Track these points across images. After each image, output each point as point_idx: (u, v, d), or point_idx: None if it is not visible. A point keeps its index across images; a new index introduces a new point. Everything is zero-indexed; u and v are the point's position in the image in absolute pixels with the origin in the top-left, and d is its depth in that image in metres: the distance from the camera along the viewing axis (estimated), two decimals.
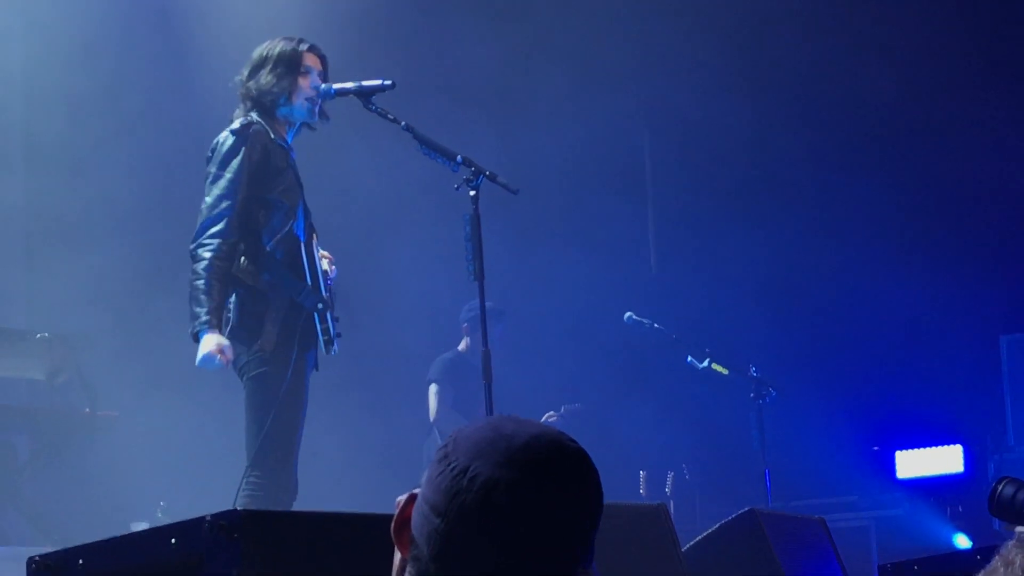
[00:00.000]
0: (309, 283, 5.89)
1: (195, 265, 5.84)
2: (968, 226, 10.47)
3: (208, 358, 5.76)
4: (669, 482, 9.74)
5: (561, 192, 10.75)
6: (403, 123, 6.23)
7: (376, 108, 6.22)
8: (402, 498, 1.87)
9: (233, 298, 5.91)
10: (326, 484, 9.25)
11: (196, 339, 5.81)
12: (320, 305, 5.88)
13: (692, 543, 5.65)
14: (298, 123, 6.19)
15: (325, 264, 6.07)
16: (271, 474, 5.81)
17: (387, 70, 6.36)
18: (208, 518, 2.83)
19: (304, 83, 6.12)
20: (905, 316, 10.54)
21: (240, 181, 5.90)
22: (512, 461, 1.76)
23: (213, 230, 5.85)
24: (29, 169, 9.77)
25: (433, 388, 9.54)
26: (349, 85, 6.21)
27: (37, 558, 3.11)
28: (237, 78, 6.20)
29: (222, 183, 5.91)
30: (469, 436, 1.80)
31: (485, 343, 6.13)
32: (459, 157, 6.20)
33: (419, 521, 1.80)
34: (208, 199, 5.93)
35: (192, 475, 9.10)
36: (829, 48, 10.76)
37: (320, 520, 3.10)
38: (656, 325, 9.42)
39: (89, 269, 9.49)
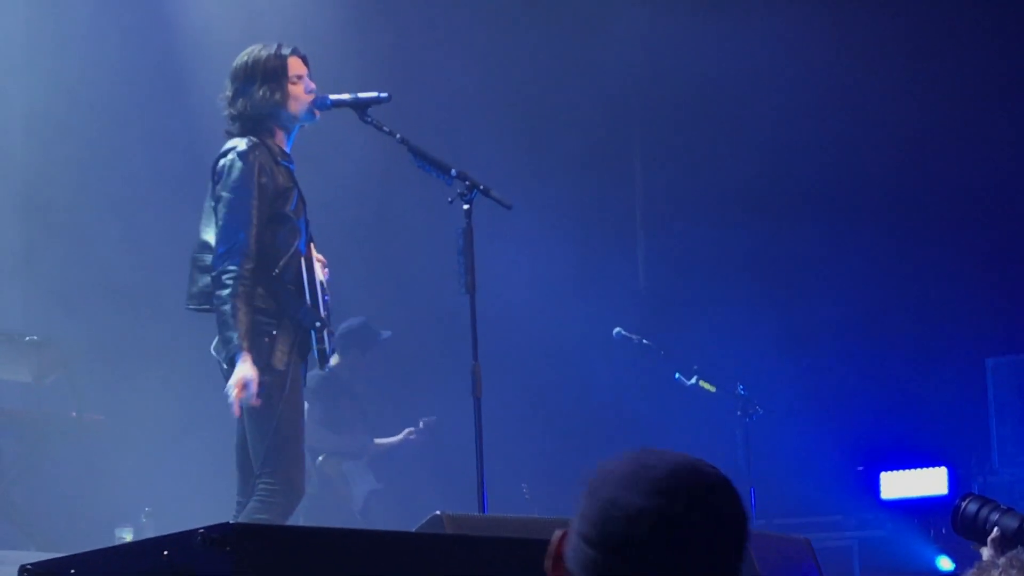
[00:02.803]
0: (308, 301, 5.93)
1: (219, 291, 5.85)
2: (956, 248, 10.49)
3: (228, 391, 5.81)
4: None
5: (550, 206, 10.74)
6: (398, 135, 6.27)
7: (372, 120, 6.25)
8: (558, 533, 1.97)
9: None
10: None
11: (231, 363, 5.81)
12: (318, 323, 5.93)
13: None
14: (296, 127, 6.21)
15: (319, 270, 6.11)
16: (282, 479, 5.86)
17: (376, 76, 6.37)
18: (201, 531, 2.84)
19: (297, 90, 6.13)
20: (892, 337, 10.57)
21: (253, 204, 5.91)
22: (658, 491, 1.87)
23: (233, 254, 5.87)
24: (27, 180, 9.78)
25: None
26: (345, 97, 6.24)
27: (29, 566, 3.12)
28: (223, 96, 6.18)
29: (236, 206, 5.90)
30: (613, 470, 1.93)
31: (475, 357, 6.14)
32: (453, 171, 6.23)
33: (573, 554, 1.92)
34: (223, 223, 5.92)
35: (178, 481, 9.10)
36: (817, 68, 10.79)
37: (314, 534, 3.11)
38: (644, 341, 9.43)
39: (82, 275, 9.52)
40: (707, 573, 1.86)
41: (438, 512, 4.79)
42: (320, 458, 9.47)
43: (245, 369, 5.76)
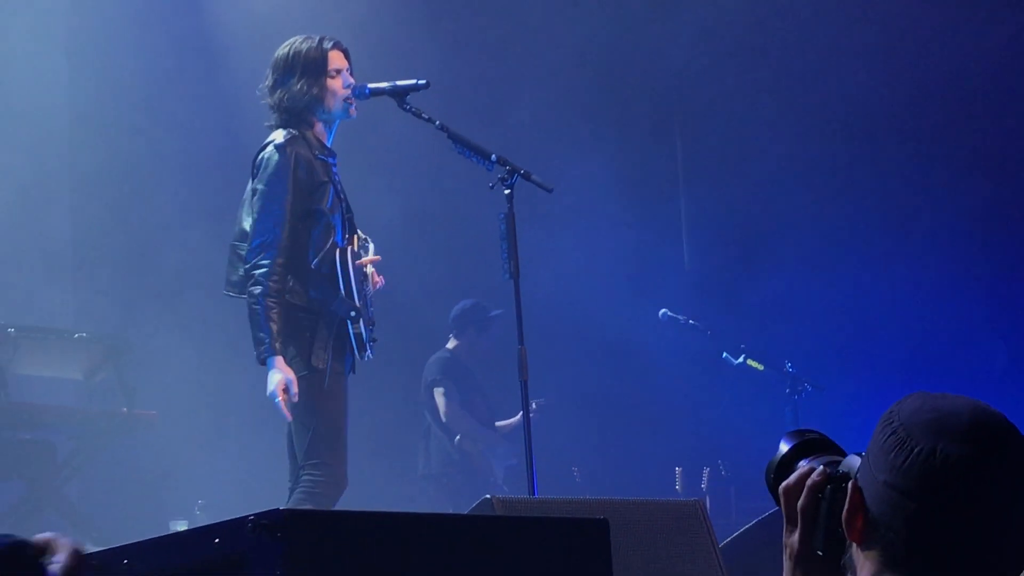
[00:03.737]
0: (343, 290, 5.97)
1: (251, 288, 5.94)
2: (1007, 227, 10.41)
3: (273, 396, 5.91)
4: (705, 478, 9.74)
5: (594, 188, 10.73)
6: (437, 122, 6.27)
7: (410, 108, 6.26)
8: (853, 482, 2.01)
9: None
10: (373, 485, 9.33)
11: (263, 363, 5.95)
12: (352, 312, 5.96)
13: (729, 539, 5.65)
14: (336, 122, 6.24)
15: (370, 270, 6.16)
16: (326, 470, 5.94)
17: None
18: (251, 517, 2.84)
19: (335, 84, 6.15)
20: (940, 313, 10.49)
21: (287, 197, 5.97)
22: (970, 437, 1.95)
23: (266, 248, 5.95)
24: (75, 177, 9.85)
25: (440, 390, 9.70)
26: (384, 85, 6.25)
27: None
28: (263, 86, 6.22)
29: (271, 200, 5.98)
30: (917, 419, 1.99)
31: (521, 341, 6.15)
32: (494, 156, 6.23)
33: (886, 506, 1.96)
34: (257, 215, 6.00)
35: (230, 474, 9.16)
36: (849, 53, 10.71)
37: (365, 519, 3.12)
38: (691, 321, 9.43)
39: (130, 270, 9.60)
40: (1016, 513, 1.94)
41: (488, 496, 4.81)
42: (458, 437, 9.60)
43: (280, 373, 5.87)
